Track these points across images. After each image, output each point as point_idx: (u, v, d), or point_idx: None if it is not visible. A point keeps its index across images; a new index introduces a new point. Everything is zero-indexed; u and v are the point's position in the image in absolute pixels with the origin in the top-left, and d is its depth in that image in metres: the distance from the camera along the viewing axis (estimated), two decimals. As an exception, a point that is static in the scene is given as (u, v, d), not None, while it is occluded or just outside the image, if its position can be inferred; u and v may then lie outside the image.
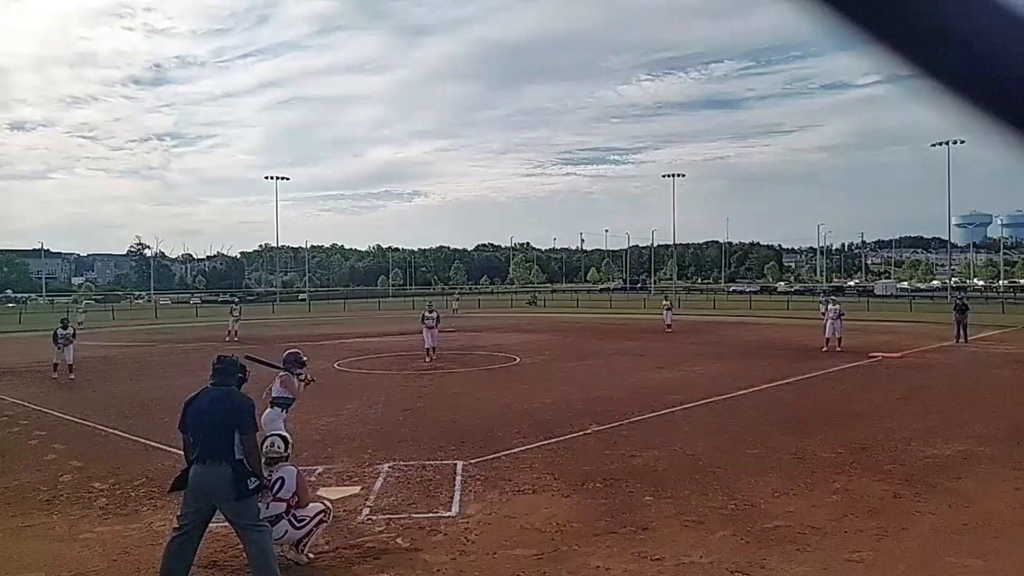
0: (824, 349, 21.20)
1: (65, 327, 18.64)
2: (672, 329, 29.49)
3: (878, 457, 8.84)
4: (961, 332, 23.64)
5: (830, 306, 22.73)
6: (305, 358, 8.23)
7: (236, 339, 28.15)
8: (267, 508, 5.60)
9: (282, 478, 5.80)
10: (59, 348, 18.06)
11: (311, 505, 5.94)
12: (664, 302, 32.88)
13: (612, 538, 6.24)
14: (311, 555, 5.88)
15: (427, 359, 19.83)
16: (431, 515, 6.89)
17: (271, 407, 6.90)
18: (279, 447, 5.98)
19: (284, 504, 5.73)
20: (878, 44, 0.52)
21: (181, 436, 5.34)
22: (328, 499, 6.62)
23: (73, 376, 17.59)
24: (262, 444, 5.86)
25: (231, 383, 5.38)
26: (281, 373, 7.18)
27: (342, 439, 10.19)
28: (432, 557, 5.90)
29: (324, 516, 5.92)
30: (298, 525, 5.76)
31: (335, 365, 19.28)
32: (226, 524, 6.09)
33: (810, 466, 8.48)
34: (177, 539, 5.07)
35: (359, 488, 7.84)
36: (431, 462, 8.82)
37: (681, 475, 8.14)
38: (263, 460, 5.69)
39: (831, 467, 8.40)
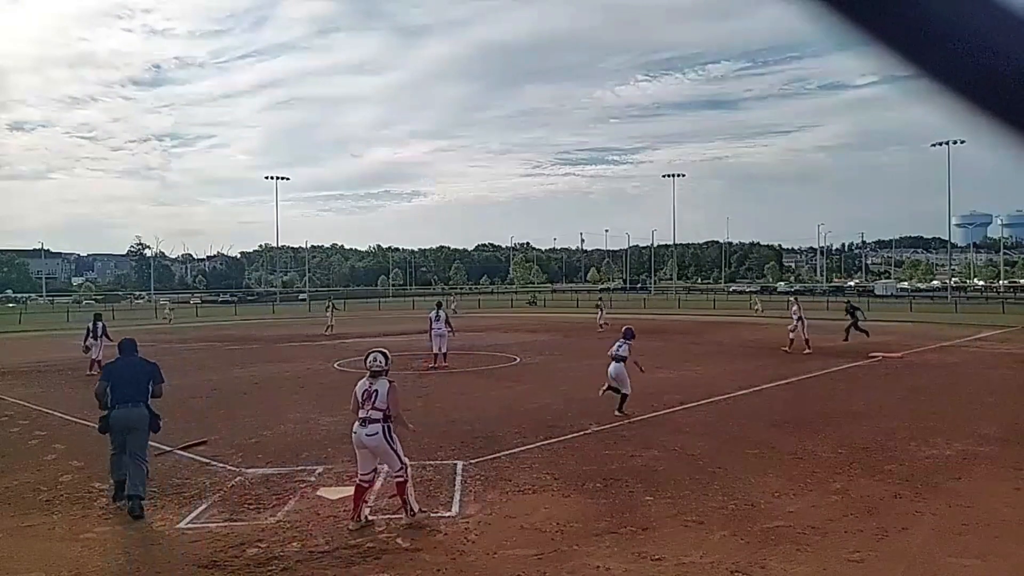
0: (786, 350, 20.20)
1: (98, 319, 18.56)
2: (604, 328, 28.74)
3: (878, 457, 8.83)
4: (849, 332, 22.42)
5: (793, 307, 21.47)
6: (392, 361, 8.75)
7: (331, 333, 30.17)
8: (367, 412, 6.53)
9: (376, 390, 6.57)
10: (97, 341, 17.95)
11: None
12: (597, 309, 32.85)
13: (612, 538, 6.24)
14: (421, 509, 6.69)
15: (433, 363, 18.19)
16: (431, 515, 6.88)
17: None
18: (380, 361, 6.69)
19: (381, 413, 6.53)
20: (877, 44, 0.52)
21: (101, 384, 7.41)
22: (383, 472, 7.13)
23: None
24: (366, 359, 6.86)
25: (136, 353, 7.75)
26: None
27: (342, 439, 10.14)
28: (432, 557, 5.89)
29: (406, 471, 6.64)
30: (390, 437, 6.55)
31: (335, 365, 19.27)
32: (227, 524, 6.22)
33: (810, 466, 8.47)
34: (116, 455, 7.24)
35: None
36: (431, 462, 8.80)
37: (681, 475, 8.14)
38: (368, 374, 6.72)
39: (831, 467, 8.40)
